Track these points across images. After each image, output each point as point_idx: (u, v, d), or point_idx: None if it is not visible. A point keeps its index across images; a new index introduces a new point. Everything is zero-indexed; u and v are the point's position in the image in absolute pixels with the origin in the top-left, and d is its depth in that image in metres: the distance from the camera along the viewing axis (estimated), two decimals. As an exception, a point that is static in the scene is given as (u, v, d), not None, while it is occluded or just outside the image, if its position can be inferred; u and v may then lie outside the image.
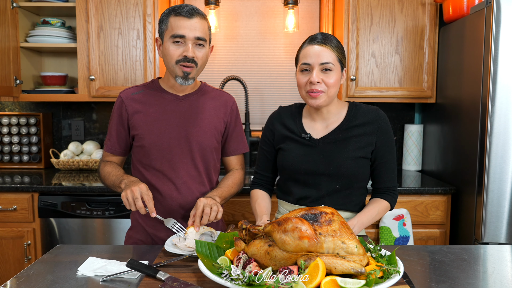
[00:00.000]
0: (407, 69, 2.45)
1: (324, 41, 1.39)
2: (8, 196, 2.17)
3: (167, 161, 1.52)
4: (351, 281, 0.91)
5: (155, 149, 1.52)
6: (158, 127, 1.51)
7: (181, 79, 1.47)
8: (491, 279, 1.12)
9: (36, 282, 1.07)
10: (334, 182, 1.44)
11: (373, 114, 1.46)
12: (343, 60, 1.42)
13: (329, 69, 1.38)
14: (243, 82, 2.60)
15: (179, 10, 1.42)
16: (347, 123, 1.46)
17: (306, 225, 0.96)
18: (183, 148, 1.53)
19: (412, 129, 2.66)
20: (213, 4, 2.58)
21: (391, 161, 1.47)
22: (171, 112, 1.53)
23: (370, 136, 1.44)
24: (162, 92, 1.56)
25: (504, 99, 1.88)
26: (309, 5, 2.80)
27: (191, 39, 1.42)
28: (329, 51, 1.37)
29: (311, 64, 1.38)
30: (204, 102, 1.58)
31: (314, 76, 1.37)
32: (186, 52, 1.42)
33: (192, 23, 1.42)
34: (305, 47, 1.42)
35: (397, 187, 1.51)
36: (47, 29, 2.50)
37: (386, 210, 1.49)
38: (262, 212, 1.48)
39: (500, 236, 1.94)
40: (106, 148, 1.61)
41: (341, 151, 1.43)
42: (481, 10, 1.96)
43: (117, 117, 1.57)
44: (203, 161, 1.57)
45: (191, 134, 1.53)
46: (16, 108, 2.81)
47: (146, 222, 1.57)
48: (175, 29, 1.42)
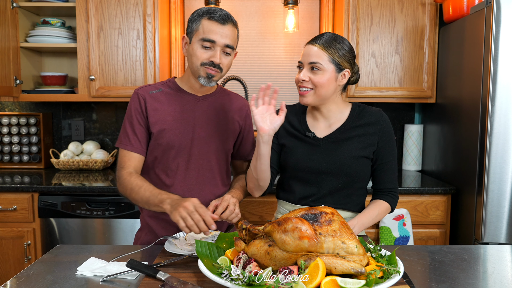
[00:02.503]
0: (407, 69, 2.45)
1: (320, 42, 1.40)
2: (8, 196, 2.17)
3: (184, 161, 1.52)
4: (351, 281, 0.91)
5: (173, 148, 1.50)
6: (177, 126, 1.50)
7: (204, 80, 1.46)
8: (491, 279, 1.12)
9: (36, 282, 1.07)
10: (336, 180, 1.45)
11: (376, 115, 1.48)
12: (341, 62, 1.40)
13: (317, 69, 1.39)
14: (243, 82, 2.60)
15: (213, 14, 1.41)
16: (350, 123, 1.47)
17: (306, 225, 0.96)
18: (200, 149, 1.53)
19: (412, 129, 2.66)
20: (213, 4, 2.58)
21: (392, 162, 1.48)
22: (190, 112, 1.53)
23: (372, 137, 1.45)
24: (181, 92, 1.55)
25: (504, 99, 1.88)
26: (309, 5, 2.80)
27: (220, 46, 1.42)
28: (321, 51, 1.39)
29: (302, 63, 1.43)
30: (222, 104, 1.58)
31: (301, 74, 1.41)
32: (214, 58, 1.42)
33: (225, 30, 1.42)
34: (306, 45, 1.45)
35: (397, 189, 1.52)
36: (47, 29, 2.50)
37: (387, 211, 1.50)
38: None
39: (500, 236, 1.94)
40: (127, 148, 1.50)
41: (343, 150, 1.44)
42: (481, 10, 1.96)
43: (137, 114, 1.51)
44: (218, 163, 1.57)
45: (210, 135, 1.54)
46: (16, 108, 2.81)
47: (156, 223, 1.57)
48: (207, 33, 1.41)
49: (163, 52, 2.50)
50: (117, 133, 2.84)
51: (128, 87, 2.44)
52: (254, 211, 2.22)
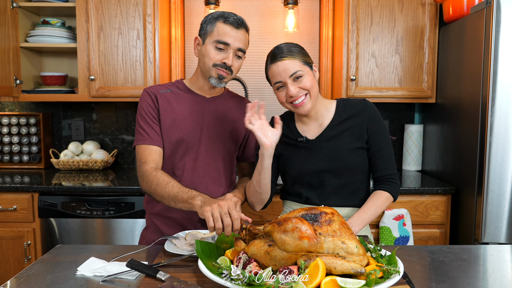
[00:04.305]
0: (407, 69, 2.45)
1: (283, 54, 1.40)
2: (8, 196, 2.17)
3: (191, 160, 1.53)
4: (351, 281, 0.91)
5: (181, 146, 1.52)
6: (186, 126, 1.53)
7: (214, 80, 1.50)
8: (491, 279, 1.12)
9: (36, 282, 1.07)
10: (337, 177, 1.46)
11: (360, 105, 1.50)
12: (308, 60, 1.44)
13: (300, 76, 1.40)
14: (243, 82, 2.59)
15: (229, 17, 1.46)
16: (338, 118, 1.49)
17: (306, 225, 0.96)
18: (207, 149, 1.55)
19: (412, 129, 2.66)
20: (213, 4, 2.58)
21: (385, 148, 1.48)
22: (199, 112, 1.55)
23: (361, 127, 1.47)
24: (190, 93, 1.58)
25: (504, 99, 1.88)
26: (309, 5, 2.80)
27: (233, 49, 1.47)
28: (292, 61, 1.40)
29: (282, 81, 1.41)
30: (229, 107, 1.62)
31: (291, 90, 1.40)
32: (227, 60, 1.46)
33: (238, 34, 1.47)
34: (270, 67, 1.44)
35: (396, 175, 1.50)
36: (47, 29, 2.50)
37: (387, 201, 1.48)
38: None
39: (500, 236, 1.94)
40: (146, 142, 1.49)
41: (338, 146, 1.46)
42: (481, 10, 1.96)
43: (151, 109, 1.52)
44: (224, 164, 1.60)
45: (217, 136, 1.57)
46: (16, 108, 2.81)
47: (161, 222, 1.58)
48: (222, 35, 1.45)
49: (163, 52, 2.50)
50: (117, 133, 2.84)
51: (128, 87, 2.44)
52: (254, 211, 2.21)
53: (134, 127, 2.82)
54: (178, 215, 1.55)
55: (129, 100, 2.47)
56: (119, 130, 2.84)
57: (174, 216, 1.55)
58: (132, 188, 2.16)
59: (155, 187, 1.40)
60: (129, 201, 2.18)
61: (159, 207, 1.57)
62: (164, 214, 1.56)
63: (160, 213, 1.57)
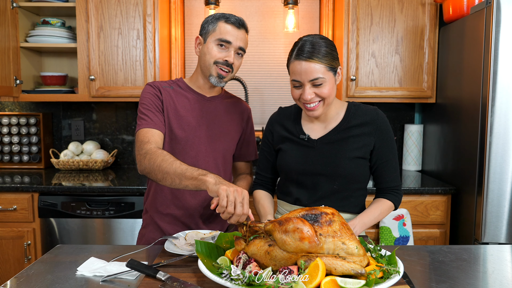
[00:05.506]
0: (407, 69, 2.45)
1: (311, 55, 1.33)
2: (8, 196, 2.17)
3: (190, 158, 1.54)
4: (351, 281, 0.91)
5: (181, 144, 1.53)
6: (187, 124, 1.54)
7: (215, 79, 1.53)
8: (491, 279, 1.12)
9: (36, 282, 1.07)
10: (332, 182, 1.43)
11: (371, 114, 1.45)
12: (334, 64, 1.37)
13: (321, 83, 1.34)
14: (243, 82, 2.59)
15: (230, 18, 1.51)
16: (345, 123, 1.45)
17: (307, 226, 0.96)
18: (207, 147, 1.57)
19: (412, 129, 2.66)
20: (213, 4, 2.59)
21: (392, 160, 1.47)
22: (198, 111, 1.57)
23: (368, 137, 1.43)
24: (190, 91, 1.60)
25: (504, 99, 1.88)
26: (309, 5, 2.80)
27: (234, 47, 1.51)
28: (317, 64, 1.32)
29: (302, 81, 1.36)
30: (226, 107, 1.65)
31: (306, 94, 1.35)
32: (228, 57, 1.50)
33: (239, 33, 1.52)
34: (293, 62, 1.37)
35: (400, 186, 1.51)
36: (47, 29, 2.50)
37: (390, 210, 1.48)
38: (266, 213, 1.49)
39: (500, 236, 1.94)
40: (149, 125, 1.47)
41: (339, 151, 1.42)
42: (481, 10, 1.96)
43: (155, 99, 1.51)
44: (223, 162, 1.62)
45: (217, 135, 1.59)
46: (16, 108, 2.81)
47: (161, 219, 1.58)
48: (224, 34, 1.49)
49: (163, 52, 2.50)
50: (117, 133, 2.84)
51: (128, 87, 2.44)
52: (254, 210, 2.21)
53: (135, 127, 2.82)
54: (178, 212, 1.55)
55: (129, 100, 2.47)
56: (119, 130, 2.84)
57: (174, 212, 1.55)
58: (132, 188, 2.16)
59: (160, 162, 1.32)
60: (129, 201, 2.18)
61: (160, 204, 1.57)
62: (164, 210, 1.57)
63: (160, 210, 1.58)
